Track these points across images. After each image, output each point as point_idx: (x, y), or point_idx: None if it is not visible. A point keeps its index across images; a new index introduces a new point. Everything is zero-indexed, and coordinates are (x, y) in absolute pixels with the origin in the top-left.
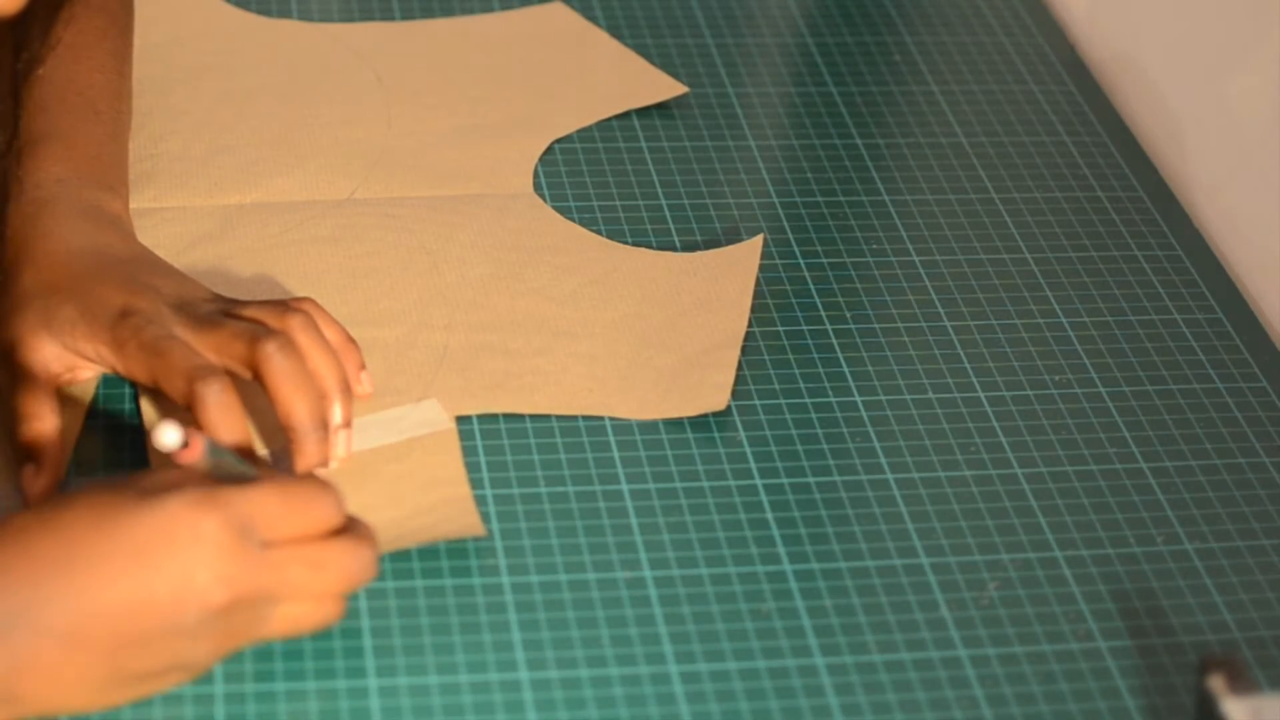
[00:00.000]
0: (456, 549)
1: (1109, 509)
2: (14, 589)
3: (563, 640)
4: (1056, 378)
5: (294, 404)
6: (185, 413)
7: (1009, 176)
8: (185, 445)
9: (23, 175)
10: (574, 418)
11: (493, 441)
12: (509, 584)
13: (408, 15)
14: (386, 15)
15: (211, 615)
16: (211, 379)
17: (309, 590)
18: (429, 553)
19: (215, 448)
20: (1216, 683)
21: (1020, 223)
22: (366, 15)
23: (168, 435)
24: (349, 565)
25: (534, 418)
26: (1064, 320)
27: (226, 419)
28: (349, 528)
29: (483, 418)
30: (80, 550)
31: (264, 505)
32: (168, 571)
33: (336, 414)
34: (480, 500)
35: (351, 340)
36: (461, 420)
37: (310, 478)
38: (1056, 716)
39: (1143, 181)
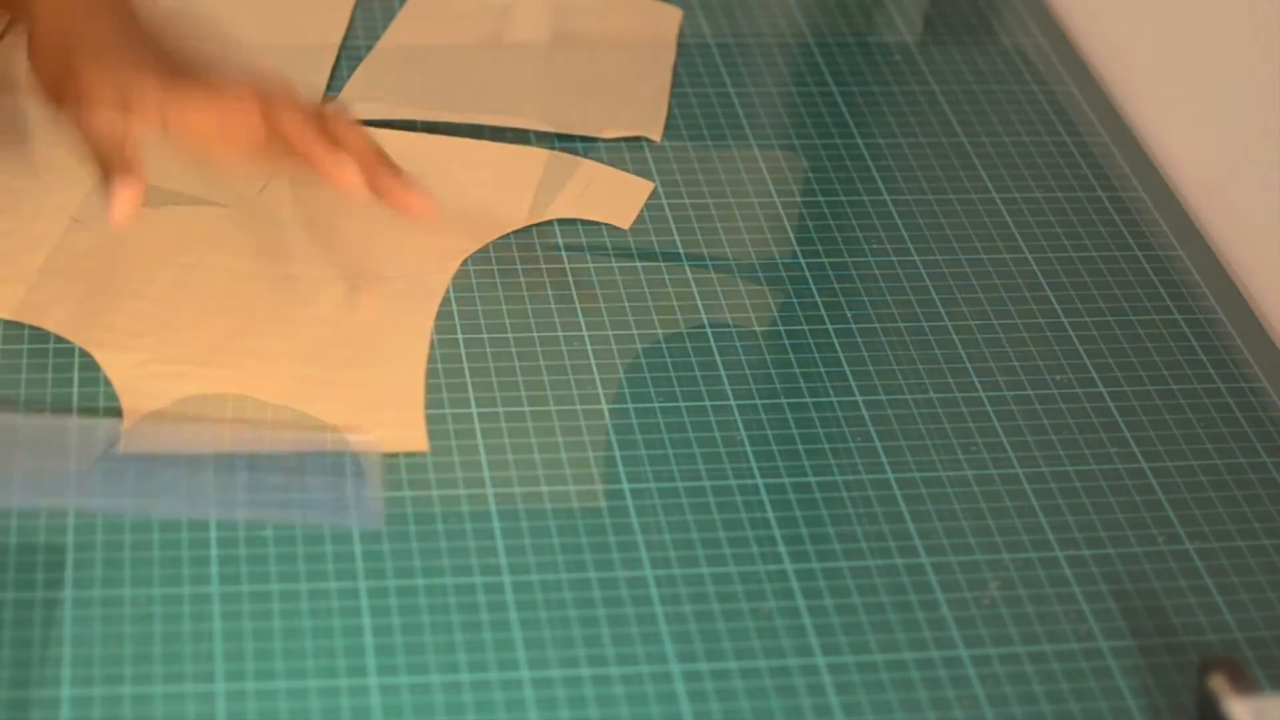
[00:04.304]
0: (458, 549)
1: (1110, 509)
2: None
3: (564, 639)
4: (1057, 377)
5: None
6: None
7: (1009, 176)
8: None
9: None
10: (575, 416)
11: (494, 440)
12: (510, 583)
13: None
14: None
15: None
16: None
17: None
18: (430, 552)
19: None
20: (1218, 682)
21: (1020, 223)
22: None
23: None
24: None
25: (534, 415)
26: (1064, 320)
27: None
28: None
29: (482, 415)
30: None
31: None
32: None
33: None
34: (481, 499)
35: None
36: (461, 418)
37: None
38: (1058, 716)
39: (1143, 181)
